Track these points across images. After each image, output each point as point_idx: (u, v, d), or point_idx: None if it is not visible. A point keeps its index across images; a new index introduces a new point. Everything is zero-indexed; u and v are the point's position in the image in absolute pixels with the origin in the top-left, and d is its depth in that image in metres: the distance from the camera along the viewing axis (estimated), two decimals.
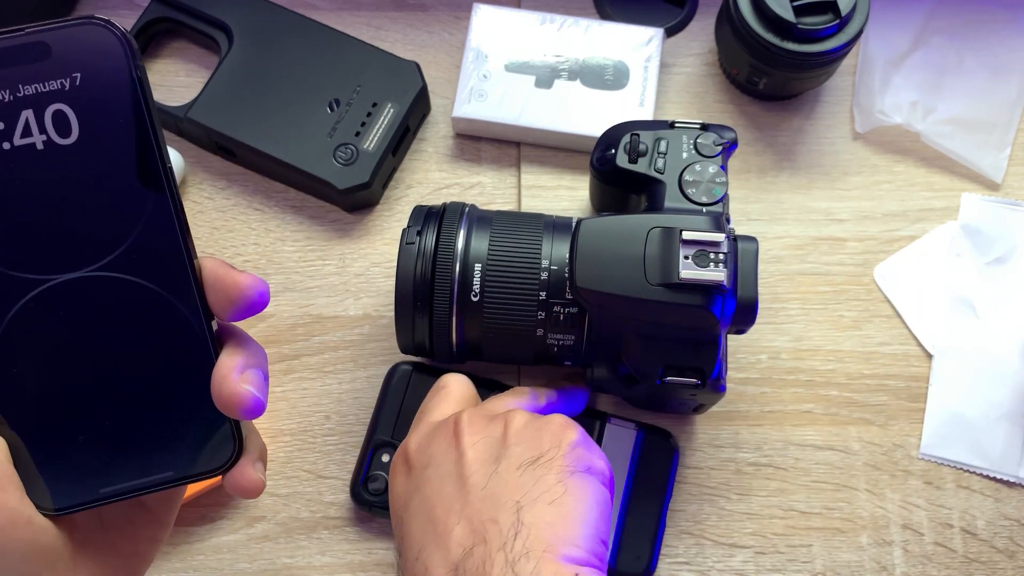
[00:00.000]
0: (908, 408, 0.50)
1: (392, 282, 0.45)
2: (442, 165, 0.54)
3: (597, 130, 0.47)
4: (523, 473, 0.36)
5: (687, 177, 0.42)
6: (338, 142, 0.51)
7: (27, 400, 0.29)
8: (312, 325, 0.51)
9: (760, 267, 0.42)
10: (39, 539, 0.28)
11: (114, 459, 0.29)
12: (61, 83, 0.27)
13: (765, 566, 0.47)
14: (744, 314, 0.41)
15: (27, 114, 0.27)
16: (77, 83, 0.27)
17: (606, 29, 0.54)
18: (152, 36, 0.55)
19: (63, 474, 0.29)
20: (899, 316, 0.51)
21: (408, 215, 0.44)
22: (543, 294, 0.42)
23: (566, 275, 0.42)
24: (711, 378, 0.40)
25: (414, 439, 0.40)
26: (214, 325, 0.30)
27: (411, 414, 0.46)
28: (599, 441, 0.47)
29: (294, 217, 0.53)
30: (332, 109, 0.51)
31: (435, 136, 0.55)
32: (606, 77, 0.53)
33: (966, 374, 0.50)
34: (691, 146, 0.43)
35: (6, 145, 0.27)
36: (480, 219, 0.44)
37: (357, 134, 0.51)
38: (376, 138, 0.51)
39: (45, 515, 0.28)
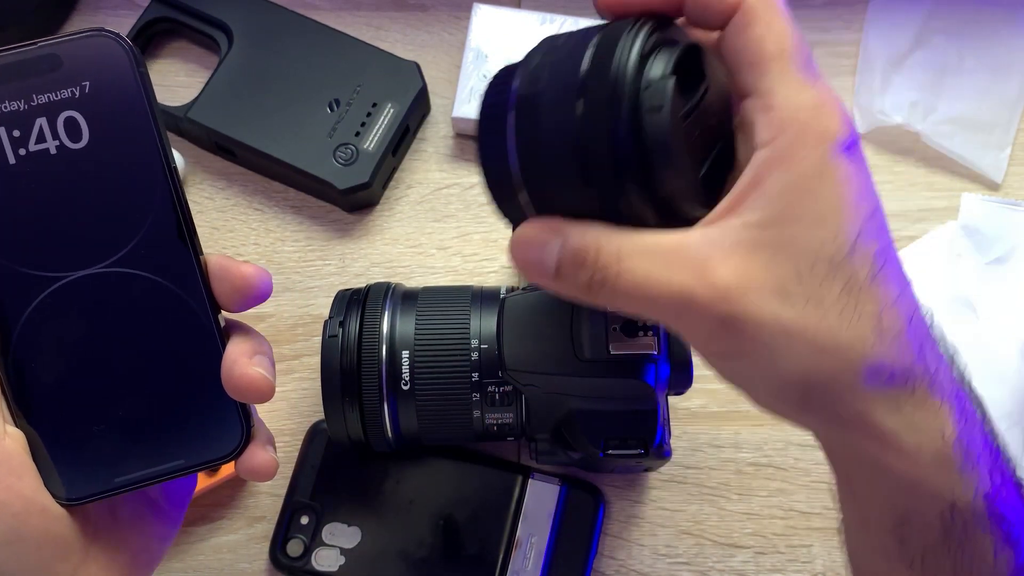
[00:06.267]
0: None
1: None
2: (442, 165, 0.54)
3: None
4: None
5: None
6: (338, 142, 0.51)
7: (44, 393, 0.30)
8: (312, 325, 0.51)
9: None
10: (53, 528, 0.29)
11: (127, 449, 0.30)
12: (71, 91, 0.28)
13: (765, 566, 0.47)
14: (680, 375, 0.40)
15: (41, 121, 0.28)
16: (86, 91, 0.28)
17: None
18: (152, 36, 0.55)
19: (78, 464, 0.30)
20: None
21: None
22: (475, 375, 0.40)
23: (496, 353, 0.40)
24: (654, 445, 0.39)
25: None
26: (221, 319, 0.31)
27: (330, 475, 0.45)
28: (521, 497, 0.46)
29: (294, 217, 0.53)
30: (332, 109, 0.51)
31: (435, 136, 0.55)
32: None
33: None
34: None
35: (22, 151, 0.28)
36: (405, 297, 0.42)
37: (357, 134, 0.51)
38: (376, 138, 0.51)
39: (60, 504, 0.29)
